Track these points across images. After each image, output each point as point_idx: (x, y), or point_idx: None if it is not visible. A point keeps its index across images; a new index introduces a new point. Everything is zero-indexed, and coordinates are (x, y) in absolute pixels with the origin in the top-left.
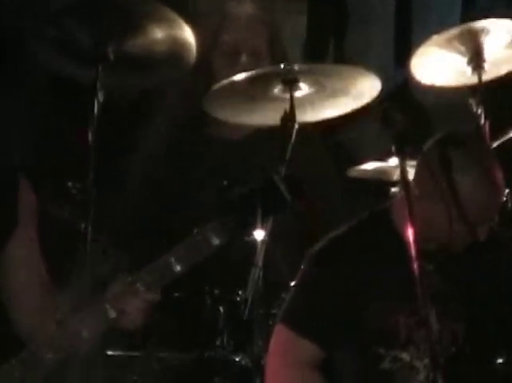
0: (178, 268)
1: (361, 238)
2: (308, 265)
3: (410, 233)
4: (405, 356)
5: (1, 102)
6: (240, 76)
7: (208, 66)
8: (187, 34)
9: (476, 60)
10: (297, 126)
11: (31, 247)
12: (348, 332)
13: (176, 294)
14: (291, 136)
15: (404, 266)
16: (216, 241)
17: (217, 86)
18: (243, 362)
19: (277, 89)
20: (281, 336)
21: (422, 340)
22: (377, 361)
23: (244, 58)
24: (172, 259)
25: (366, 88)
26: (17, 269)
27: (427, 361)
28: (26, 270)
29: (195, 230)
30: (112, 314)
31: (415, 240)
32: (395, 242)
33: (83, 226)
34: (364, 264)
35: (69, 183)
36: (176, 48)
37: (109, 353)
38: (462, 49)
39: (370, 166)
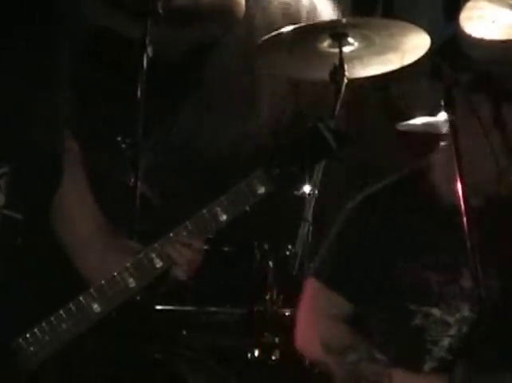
0: (223, 217)
1: (396, 196)
2: (340, 220)
3: (459, 187)
4: (436, 312)
5: (49, 58)
6: (288, 29)
7: None
8: None
9: None
10: (346, 81)
11: (82, 195)
12: (379, 288)
13: (226, 249)
14: (340, 90)
15: (438, 224)
16: (261, 189)
17: (264, 38)
18: (292, 316)
19: (325, 43)
20: (311, 288)
21: (452, 296)
22: (409, 317)
23: None
24: (218, 209)
25: (415, 45)
26: (73, 217)
27: (458, 315)
28: (82, 217)
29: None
30: (159, 264)
31: (462, 195)
32: (430, 200)
33: (132, 180)
34: (396, 221)
35: (119, 138)
36: (225, 2)
37: (159, 307)
38: None
39: (419, 120)
